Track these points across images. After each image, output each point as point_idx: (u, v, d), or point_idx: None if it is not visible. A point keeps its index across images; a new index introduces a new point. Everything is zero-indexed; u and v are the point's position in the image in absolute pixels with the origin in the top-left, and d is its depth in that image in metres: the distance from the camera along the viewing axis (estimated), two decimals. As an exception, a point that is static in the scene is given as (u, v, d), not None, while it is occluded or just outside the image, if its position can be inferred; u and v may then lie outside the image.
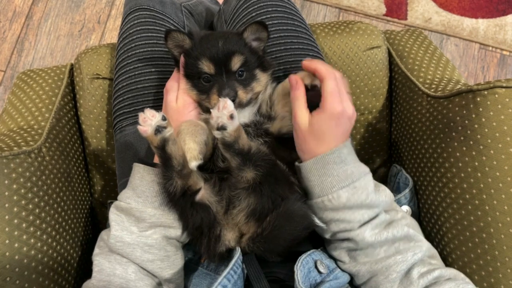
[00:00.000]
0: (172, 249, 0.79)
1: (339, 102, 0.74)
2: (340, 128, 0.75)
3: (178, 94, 0.83)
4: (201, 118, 0.83)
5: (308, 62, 0.79)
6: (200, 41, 0.81)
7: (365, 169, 0.77)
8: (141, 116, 0.70)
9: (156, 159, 0.83)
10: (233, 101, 0.77)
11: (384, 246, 0.74)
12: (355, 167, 0.76)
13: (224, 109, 0.69)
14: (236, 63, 0.79)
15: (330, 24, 1.20)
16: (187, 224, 0.78)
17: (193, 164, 0.72)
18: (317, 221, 0.75)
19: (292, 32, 1.01)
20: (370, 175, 0.77)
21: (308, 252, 0.76)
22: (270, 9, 1.02)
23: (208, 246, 0.77)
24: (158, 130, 0.70)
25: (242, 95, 0.79)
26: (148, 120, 0.69)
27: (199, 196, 0.77)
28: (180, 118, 0.81)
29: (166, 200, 0.78)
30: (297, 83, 0.78)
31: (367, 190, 0.74)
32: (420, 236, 0.76)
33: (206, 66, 0.79)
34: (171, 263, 0.79)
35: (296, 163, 0.79)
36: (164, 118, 0.70)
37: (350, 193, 0.73)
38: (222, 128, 0.69)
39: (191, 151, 0.72)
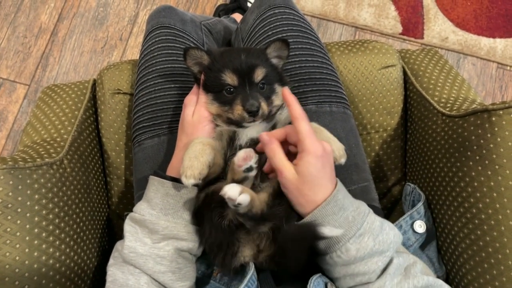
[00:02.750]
0: (184, 262, 0.80)
1: (318, 141, 0.71)
2: (328, 167, 0.72)
3: (195, 108, 0.85)
4: (216, 131, 0.85)
5: (287, 93, 0.76)
6: (221, 55, 0.84)
7: (364, 208, 0.74)
8: (244, 153, 0.73)
9: (170, 172, 0.85)
10: (257, 111, 0.78)
11: None
12: (354, 211, 0.72)
13: (231, 201, 0.70)
14: (258, 75, 0.81)
15: (345, 43, 1.22)
16: (208, 238, 0.80)
17: (190, 181, 0.73)
18: (324, 231, 0.70)
19: (307, 50, 1.03)
20: (371, 215, 0.73)
21: (319, 274, 0.75)
22: (286, 28, 1.04)
23: (224, 260, 0.78)
24: (248, 169, 0.74)
25: (264, 106, 0.80)
26: (248, 160, 0.73)
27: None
28: (195, 132, 0.83)
29: (196, 216, 0.81)
30: (269, 138, 0.75)
31: (373, 234, 0.70)
32: (439, 281, 0.72)
33: (230, 78, 0.80)
34: (182, 275, 0.80)
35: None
36: (256, 162, 0.74)
37: (358, 243, 0.69)
38: (236, 206, 0.71)
39: (193, 169, 0.73)
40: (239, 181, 0.76)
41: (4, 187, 0.80)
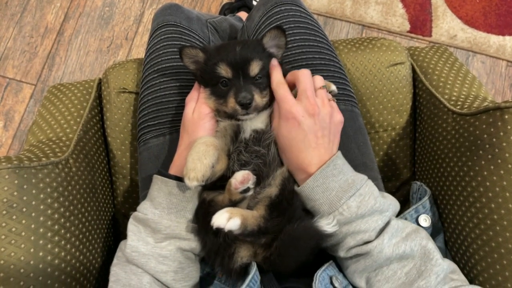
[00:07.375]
0: (186, 261, 0.80)
1: (294, 106, 0.76)
2: (301, 131, 0.76)
3: (196, 106, 0.85)
4: (220, 126, 0.84)
5: (274, 65, 0.83)
6: (217, 49, 0.83)
7: (363, 176, 0.78)
8: (241, 176, 0.74)
9: (172, 171, 0.84)
10: (250, 104, 0.78)
11: (405, 267, 0.70)
12: (354, 175, 0.77)
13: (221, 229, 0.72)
14: (254, 68, 0.80)
15: (353, 40, 1.20)
16: (205, 244, 0.80)
17: (193, 184, 0.72)
18: (325, 228, 0.72)
19: (314, 47, 1.02)
20: (370, 181, 0.77)
21: (323, 268, 0.75)
22: (292, 25, 1.03)
23: (222, 264, 0.78)
24: (245, 190, 0.75)
25: (258, 98, 0.79)
26: (245, 182, 0.75)
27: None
28: (196, 129, 0.83)
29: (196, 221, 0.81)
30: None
31: (373, 195, 0.74)
32: (438, 252, 0.72)
33: (224, 70, 0.79)
34: (185, 275, 0.79)
35: (295, 188, 0.78)
36: (253, 183, 0.77)
37: (359, 201, 0.73)
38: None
39: (196, 172, 0.73)
40: (237, 202, 0.77)
41: (9, 187, 0.80)
